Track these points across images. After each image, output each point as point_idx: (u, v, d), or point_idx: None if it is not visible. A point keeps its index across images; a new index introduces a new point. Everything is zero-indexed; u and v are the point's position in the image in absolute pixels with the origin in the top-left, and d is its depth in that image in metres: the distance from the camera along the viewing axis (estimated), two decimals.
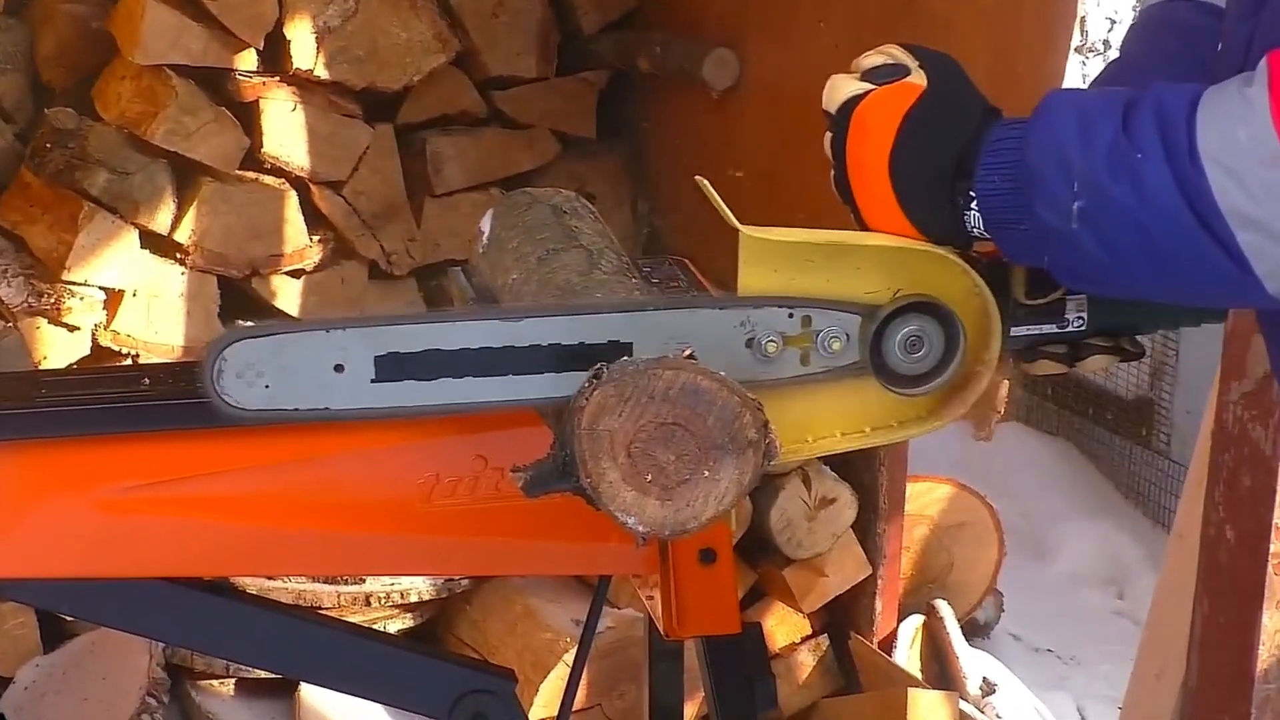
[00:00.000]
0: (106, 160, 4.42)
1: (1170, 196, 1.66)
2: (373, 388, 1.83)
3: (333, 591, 4.26)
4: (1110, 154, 1.69)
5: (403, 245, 4.89)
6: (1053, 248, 1.77)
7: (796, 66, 4.53)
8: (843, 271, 1.89)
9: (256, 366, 1.81)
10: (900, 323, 1.90)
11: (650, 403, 1.73)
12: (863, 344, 1.90)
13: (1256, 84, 1.63)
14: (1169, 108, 1.68)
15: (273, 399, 1.82)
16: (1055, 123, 1.76)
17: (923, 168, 1.85)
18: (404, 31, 4.73)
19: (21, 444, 2.05)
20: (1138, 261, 1.73)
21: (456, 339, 1.83)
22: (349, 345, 1.82)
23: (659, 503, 1.75)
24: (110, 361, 4.47)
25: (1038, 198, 1.75)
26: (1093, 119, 1.72)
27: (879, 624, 4.52)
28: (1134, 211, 1.68)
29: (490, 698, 2.23)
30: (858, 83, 1.92)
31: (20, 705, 4.24)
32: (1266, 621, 3.14)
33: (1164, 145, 1.66)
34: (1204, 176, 1.64)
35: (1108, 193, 1.69)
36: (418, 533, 2.15)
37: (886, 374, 1.92)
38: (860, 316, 1.90)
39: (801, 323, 1.89)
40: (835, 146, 1.92)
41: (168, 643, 4.00)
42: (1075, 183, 1.71)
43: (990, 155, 1.81)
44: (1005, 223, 1.80)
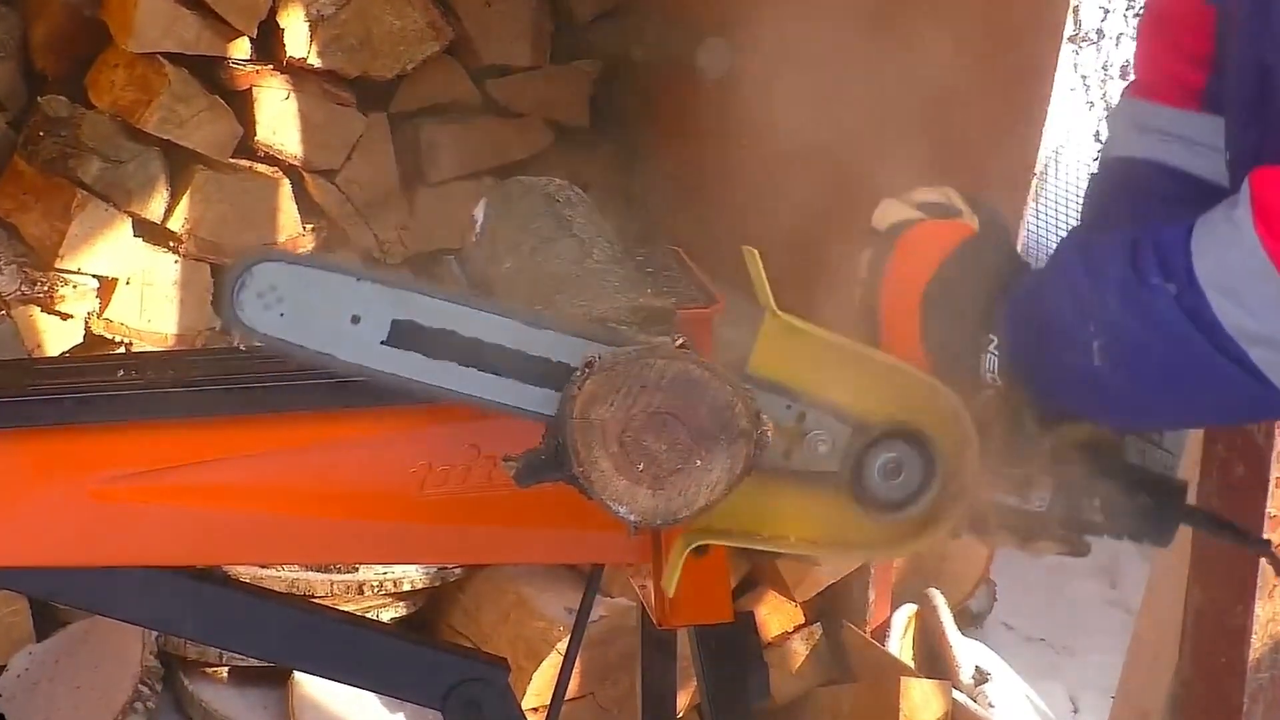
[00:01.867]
0: (99, 148, 4.42)
1: (1181, 325, 1.70)
2: (381, 349, 1.82)
3: (326, 580, 4.26)
4: (1121, 291, 1.74)
5: (396, 234, 4.89)
6: (1081, 388, 1.82)
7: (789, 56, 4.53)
8: (849, 381, 1.91)
9: (279, 291, 1.80)
10: (885, 447, 1.92)
11: (642, 392, 1.73)
12: (846, 456, 1.91)
13: (1240, 206, 1.68)
14: (1166, 240, 1.72)
15: (284, 328, 1.82)
16: (1067, 268, 1.81)
17: (954, 303, 1.89)
18: (397, 20, 4.73)
19: (14, 432, 2.05)
20: (1161, 390, 1.78)
21: (476, 327, 1.82)
22: (372, 300, 1.81)
23: (651, 492, 1.75)
24: (103, 350, 4.47)
25: (1058, 341, 1.80)
26: (1101, 260, 1.77)
27: (872, 613, 4.52)
28: (1150, 343, 1.73)
29: (483, 686, 2.23)
30: (911, 209, 1.95)
31: (13, 693, 4.24)
32: (1259, 611, 3.14)
33: (1165, 276, 1.71)
34: (1206, 301, 1.68)
35: (1122, 327, 1.74)
36: (410, 521, 2.15)
37: (859, 492, 1.93)
38: (851, 430, 1.91)
39: (796, 418, 1.90)
40: (874, 264, 1.94)
41: (161, 631, 4.00)
42: (1091, 322, 1.76)
43: (1012, 304, 1.86)
44: (1033, 369, 1.85)
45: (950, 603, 4.72)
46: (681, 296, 2.11)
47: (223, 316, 1.81)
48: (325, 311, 1.81)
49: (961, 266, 1.89)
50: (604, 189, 5.15)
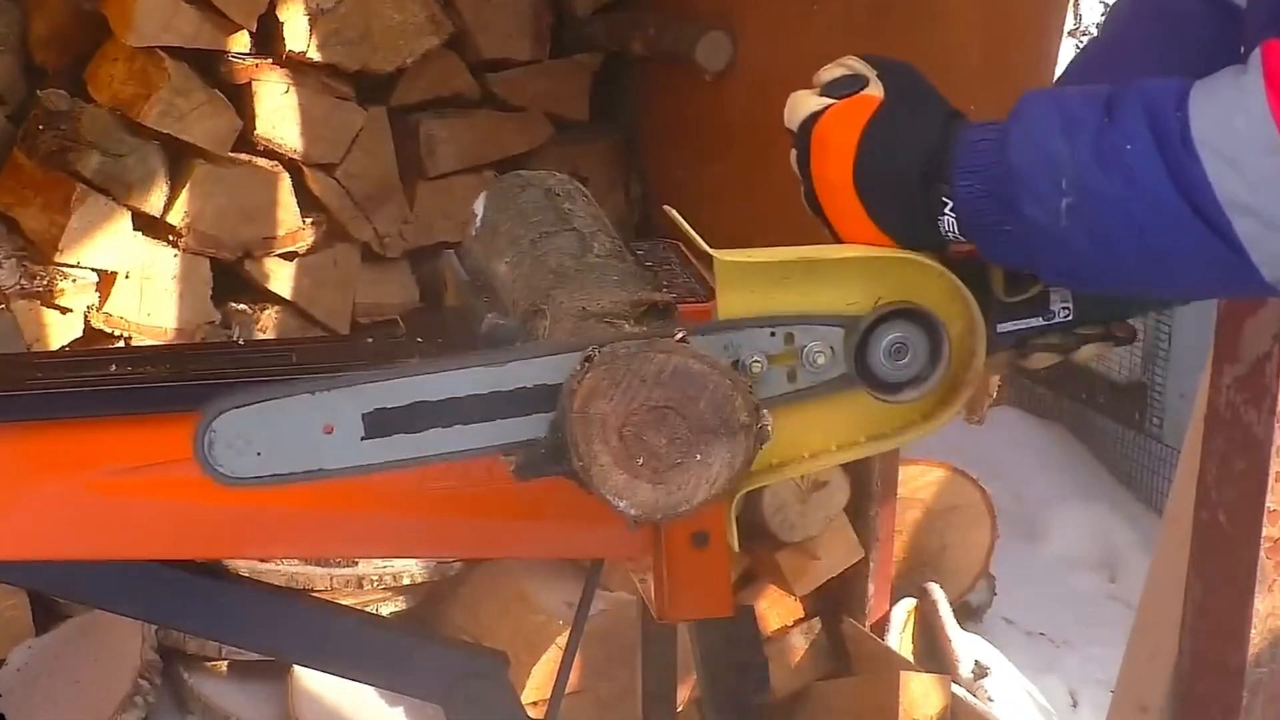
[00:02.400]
0: (99, 142, 4.42)
1: (1163, 186, 1.65)
2: (364, 445, 1.82)
3: (325, 574, 4.26)
4: (1097, 146, 1.69)
5: (396, 228, 4.89)
6: (1040, 248, 1.77)
7: (789, 49, 4.53)
8: (821, 286, 1.89)
9: (246, 435, 1.80)
10: (883, 331, 1.91)
11: (642, 386, 1.73)
12: (847, 356, 1.91)
13: (1251, 73, 1.63)
14: (1156, 98, 1.67)
15: (265, 465, 1.81)
16: (1036, 120, 1.75)
17: (888, 178, 1.84)
18: (397, 14, 4.73)
19: (14, 426, 2.05)
20: (1131, 255, 1.72)
21: (441, 389, 1.82)
22: (336, 405, 1.81)
23: (651, 486, 1.75)
24: (103, 344, 4.47)
25: (1023, 198, 1.74)
26: (1075, 113, 1.72)
27: (871, 607, 4.52)
28: (1126, 203, 1.68)
29: (483, 680, 2.24)
30: (817, 98, 1.92)
31: (12, 687, 4.24)
32: (1259, 605, 3.13)
33: (1154, 134, 1.66)
34: (1199, 164, 1.64)
35: (1098, 186, 1.69)
36: (410, 515, 2.15)
37: (874, 383, 1.92)
38: (843, 329, 1.90)
39: (784, 340, 1.89)
40: (800, 164, 1.92)
41: (160, 625, 4.00)
42: (1063, 179, 1.70)
43: (966, 157, 1.80)
44: (987, 226, 1.79)
45: (950, 597, 4.72)
46: (682, 291, 2.11)
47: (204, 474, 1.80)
48: (297, 434, 1.81)
49: (880, 140, 1.84)
50: (604, 183, 5.16)
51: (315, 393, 1.81)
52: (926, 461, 5.02)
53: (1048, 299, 1.96)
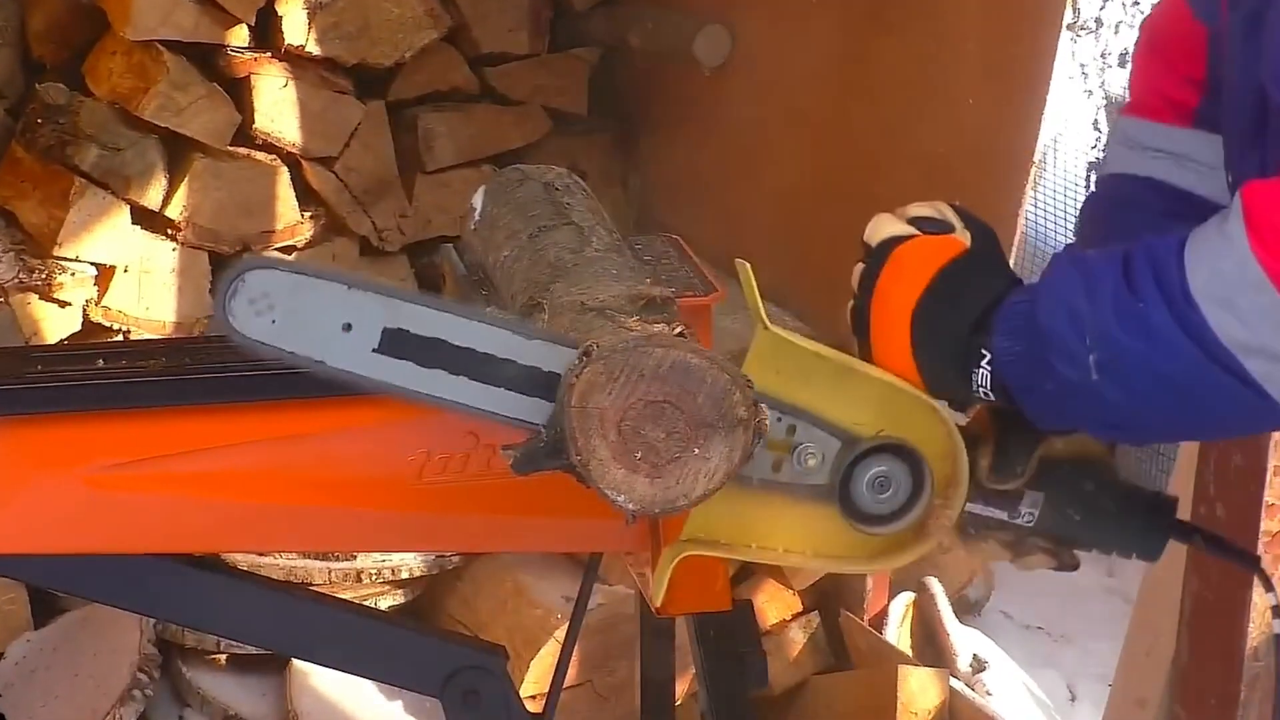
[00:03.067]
0: (97, 136, 4.42)
1: (1177, 338, 1.71)
2: (372, 357, 1.83)
3: (324, 568, 4.26)
4: (1116, 306, 1.74)
5: (394, 222, 4.89)
6: (1078, 402, 1.81)
7: (788, 44, 4.53)
8: (839, 395, 1.90)
9: (270, 298, 1.81)
10: (874, 460, 1.92)
11: (640, 380, 1.73)
12: (835, 469, 1.91)
13: (1233, 219, 1.68)
14: (1160, 253, 1.73)
15: (275, 334, 1.82)
16: (1061, 282, 1.80)
17: (945, 319, 1.88)
18: (396, 8, 4.73)
19: (12, 420, 2.05)
20: (1161, 402, 1.77)
21: (467, 336, 1.82)
22: (364, 308, 1.81)
23: (649, 480, 1.75)
24: (101, 338, 4.47)
25: (1055, 356, 1.79)
26: (1095, 274, 1.77)
27: (869, 601, 4.52)
28: (1147, 357, 1.73)
29: (482, 674, 2.23)
30: (904, 225, 1.95)
31: (10, 681, 4.24)
32: (1256, 599, 3.14)
33: (1161, 290, 1.71)
34: (1200, 314, 1.69)
35: (1119, 342, 1.74)
36: (409, 509, 2.15)
37: (848, 505, 1.93)
38: (840, 443, 1.91)
39: (786, 430, 1.90)
40: (865, 278, 1.94)
41: (158, 619, 4.00)
42: (1088, 337, 1.76)
43: (1005, 320, 1.84)
44: (1025, 385, 1.84)
45: (948, 591, 4.72)
46: (681, 285, 2.11)
47: (216, 320, 1.81)
48: (317, 318, 1.82)
49: (953, 282, 1.89)
50: (602, 177, 5.16)
51: (351, 287, 1.82)
52: None
53: (1020, 500, 1.99)
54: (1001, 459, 1.96)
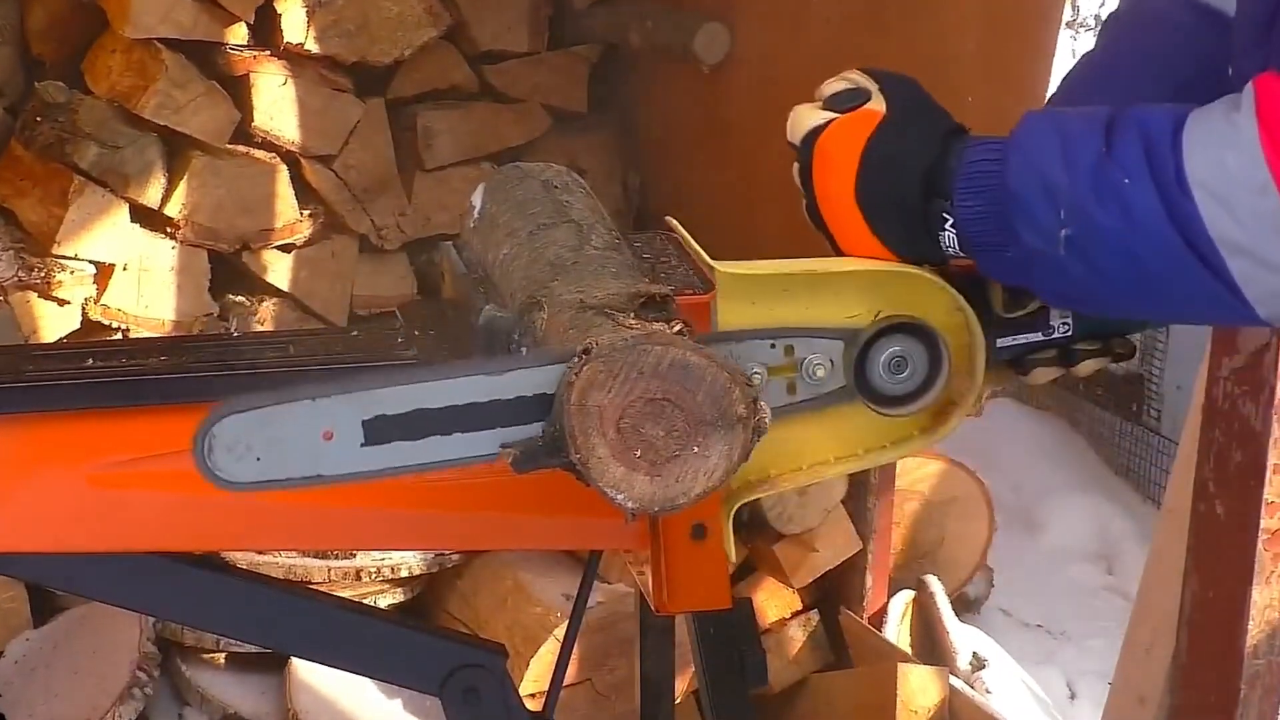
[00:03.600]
0: (97, 134, 4.42)
1: (1159, 222, 1.66)
2: (363, 451, 1.81)
3: (323, 566, 4.26)
4: (1095, 178, 1.69)
5: (393, 220, 4.89)
6: (1039, 271, 1.77)
7: (787, 41, 4.53)
8: (821, 299, 1.89)
9: (246, 440, 1.79)
10: (883, 344, 1.91)
11: (640, 378, 1.73)
12: (847, 369, 1.91)
13: (1244, 110, 1.64)
14: (1154, 130, 1.68)
15: (264, 471, 1.81)
16: (1036, 146, 1.75)
17: (890, 193, 1.84)
18: (395, 5, 4.73)
19: (12, 418, 2.05)
20: (1127, 286, 1.73)
21: (442, 397, 1.81)
22: (336, 412, 1.80)
23: (648, 478, 1.75)
24: (100, 336, 4.47)
25: (1021, 223, 1.74)
26: (1074, 141, 1.72)
27: (869, 599, 4.52)
28: (1123, 237, 1.69)
29: (481, 672, 2.23)
30: (820, 112, 1.92)
31: (10, 679, 4.24)
32: (1256, 597, 3.14)
33: (1150, 170, 1.66)
34: (1193, 203, 1.64)
35: (1095, 219, 1.69)
36: (408, 507, 2.15)
37: (873, 396, 1.92)
38: (843, 342, 1.90)
39: (784, 352, 1.89)
40: (802, 177, 1.92)
41: (158, 617, 4.00)
42: (1061, 209, 1.71)
43: (967, 178, 1.80)
44: (988, 246, 1.80)
45: (948, 589, 4.72)
46: (680, 283, 2.11)
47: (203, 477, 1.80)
48: (297, 440, 1.80)
49: (882, 155, 1.84)
50: (602, 174, 5.16)
51: (316, 399, 1.80)
52: (924, 454, 5.02)
53: (1048, 314, 1.95)
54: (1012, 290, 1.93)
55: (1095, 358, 1.98)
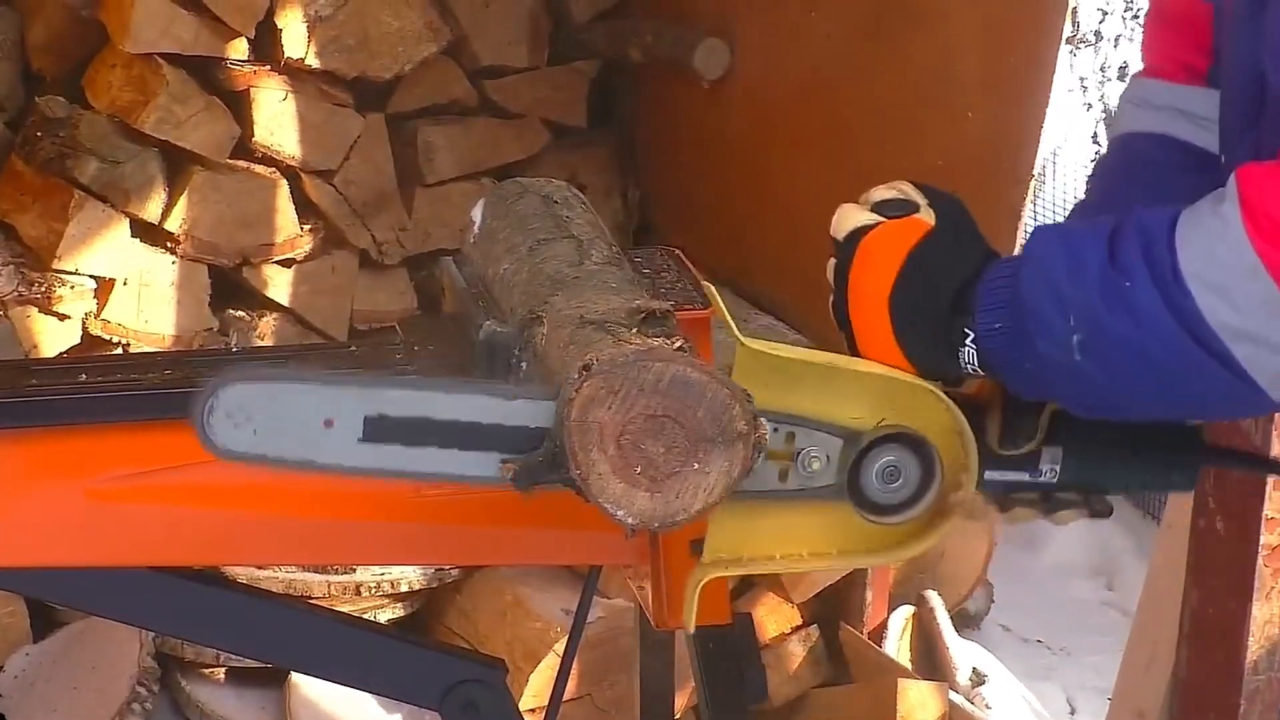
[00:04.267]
0: (97, 149, 4.42)
1: (1163, 320, 1.68)
2: (359, 447, 1.81)
3: (322, 581, 4.26)
4: (1101, 284, 1.72)
5: (393, 235, 4.89)
6: (1059, 381, 1.80)
7: (787, 56, 4.53)
8: (832, 394, 1.89)
9: (247, 410, 1.79)
10: (880, 451, 1.91)
11: (640, 395, 1.73)
12: (841, 468, 1.90)
13: (1228, 201, 1.66)
14: (1150, 230, 1.71)
15: (258, 444, 1.80)
16: (1044, 259, 1.78)
17: (922, 303, 1.86)
18: (395, 20, 4.73)
19: (11, 432, 2.05)
20: (1145, 385, 1.75)
21: (448, 410, 1.81)
22: (341, 402, 1.80)
23: (648, 495, 1.75)
24: (100, 351, 4.47)
25: (1037, 334, 1.77)
26: (1080, 251, 1.75)
27: (869, 614, 4.52)
28: (1132, 338, 1.71)
29: (481, 687, 2.23)
30: (868, 213, 1.94)
31: (9, 694, 4.24)
32: (1256, 613, 3.14)
33: (1149, 269, 1.69)
34: (1190, 296, 1.67)
35: (1103, 323, 1.72)
36: (408, 522, 2.15)
37: (861, 500, 1.92)
38: (842, 440, 1.90)
39: (785, 439, 1.88)
40: (838, 273, 1.93)
41: (158, 632, 4.00)
42: (1071, 316, 1.74)
43: (987, 295, 1.82)
44: (1008, 362, 1.83)
45: (947, 604, 4.72)
46: (680, 298, 2.11)
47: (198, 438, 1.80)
48: (297, 421, 1.80)
49: (923, 264, 1.87)
50: (602, 190, 5.16)
51: (324, 385, 1.81)
52: None
53: (1038, 459, 1.97)
54: (1010, 423, 1.93)
55: (1074, 508, 2.01)
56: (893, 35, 4.19)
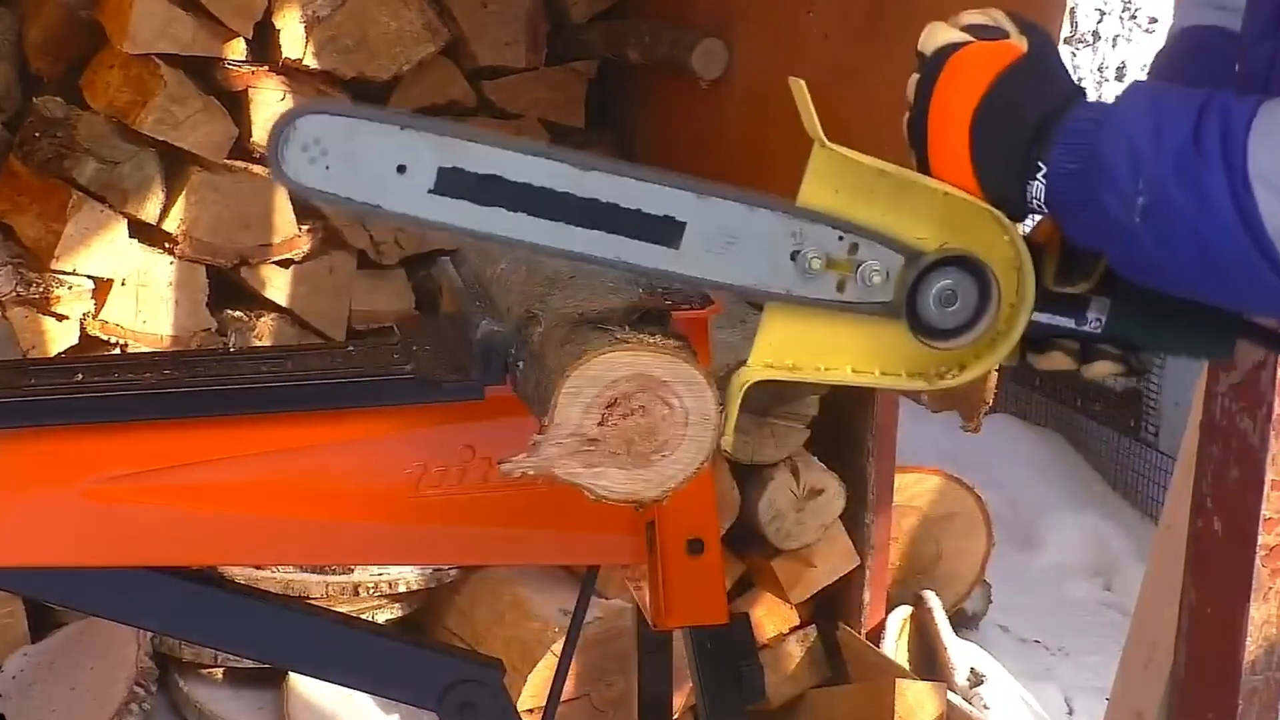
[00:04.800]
0: (95, 149, 4.42)
1: (1226, 209, 1.68)
2: (428, 198, 1.80)
3: (321, 581, 4.26)
4: (1178, 159, 1.72)
5: (391, 235, 4.88)
6: (1113, 237, 1.79)
7: (785, 56, 4.53)
8: (900, 209, 1.88)
9: (323, 144, 1.77)
10: (939, 274, 1.90)
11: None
12: (900, 286, 1.89)
13: None
14: (1233, 120, 1.70)
15: (330, 181, 1.78)
16: (1131, 117, 1.77)
17: (1003, 127, 1.85)
18: (393, 21, 4.73)
19: (9, 433, 2.05)
20: (1193, 265, 1.75)
21: (523, 172, 1.80)
22: (418, 148, 1.79)
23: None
24: (98, 351, 4.47)
25: (1105, 187, 1.76)
26: (1167, 120, 1.74)
27: (867, 615, 4.52)
28: (1194, 219, 1.71)
29: (478, 687, 2.23)
30: (959, 32, 1.92)
31: (8, 694, 4.24)
32: (1254, 613, 3.14)
33: (1225, 160, 1.69)
34: (1253, 197, 1.67)
35: (1170, 195, 1.72)
36: (406, 522, 2.15)
37: (914, 321, 1.91)
38: (904, 258, 1.89)
39: (849, 249, 1.87)
40: (921, 88, 1.92)
41: (155, 632, 4.00)
42: (1141, 179, 1.73)
43: (1067, 135, 1.81)
44: (1070, 204, 1.82)
45: (946, 604, 4.73)
46: (677, 298, 2.11)
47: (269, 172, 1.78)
48: (370, 162, 1.78)
49: (1013, 88, 1.85)
50: None
51: (403, 127, 1.79)
52: (922, 469, 5.02)
53: (1087, 305, 1.96)
54: (1067, 264, 1.93)
55: (1110, 361, 1.99)
56: (890, 36, 4.19)
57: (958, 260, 1.89)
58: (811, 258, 1.86)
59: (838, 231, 1.85)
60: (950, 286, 1.90)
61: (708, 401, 1.84)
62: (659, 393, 1.81)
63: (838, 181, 1.87)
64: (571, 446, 1.81)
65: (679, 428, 1.82)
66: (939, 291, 1.90)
